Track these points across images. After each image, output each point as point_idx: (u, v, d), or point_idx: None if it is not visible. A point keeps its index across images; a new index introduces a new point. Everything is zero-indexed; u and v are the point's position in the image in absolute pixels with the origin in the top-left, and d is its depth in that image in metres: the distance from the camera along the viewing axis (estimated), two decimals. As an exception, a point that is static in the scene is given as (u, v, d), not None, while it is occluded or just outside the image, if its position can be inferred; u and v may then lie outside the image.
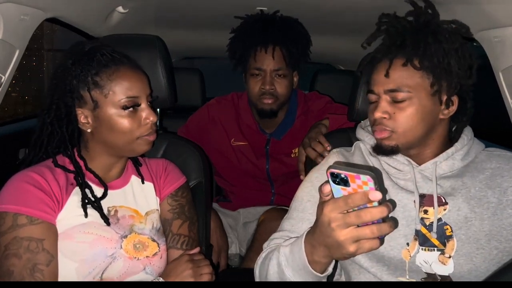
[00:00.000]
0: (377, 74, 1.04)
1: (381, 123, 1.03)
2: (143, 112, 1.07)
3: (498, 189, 1.03)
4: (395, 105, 1.02)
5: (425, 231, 1.03)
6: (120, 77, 1.05)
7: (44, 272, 0.95)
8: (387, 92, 1.02)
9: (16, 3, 1.20)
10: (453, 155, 1.07)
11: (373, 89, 1.05)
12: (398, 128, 1.02)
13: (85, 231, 1.02)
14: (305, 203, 1.10)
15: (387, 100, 1.03)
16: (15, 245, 0.95)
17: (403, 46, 1.01)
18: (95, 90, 1.04)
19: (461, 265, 1.00)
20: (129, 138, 1.06)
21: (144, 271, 1.08)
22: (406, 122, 1.01)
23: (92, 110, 1.05)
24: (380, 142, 1.05)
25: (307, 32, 1.78)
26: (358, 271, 1.07)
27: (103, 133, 1.06)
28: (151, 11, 1.92)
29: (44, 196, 1.00)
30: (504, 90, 1.38)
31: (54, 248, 0.99)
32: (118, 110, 1.04)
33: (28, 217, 0.97)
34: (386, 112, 1.02)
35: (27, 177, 1.01)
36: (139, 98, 1.07)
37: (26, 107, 5.03)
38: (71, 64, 1.04)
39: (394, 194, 1.06)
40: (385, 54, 1.04)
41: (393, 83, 1.01)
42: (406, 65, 1.00)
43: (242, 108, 1.84)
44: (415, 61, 0.99)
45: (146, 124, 1.07)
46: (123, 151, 1.10)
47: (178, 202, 1.20)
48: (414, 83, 1.00)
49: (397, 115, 1.01)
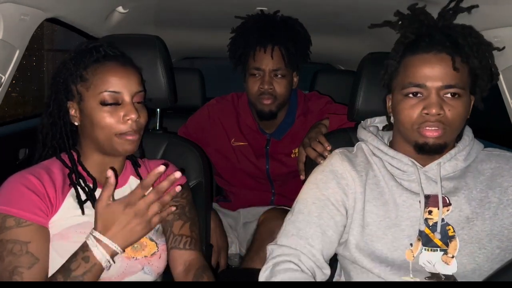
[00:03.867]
0: (431, 68, 1.00)
1: (437, 120, 0.99)
2: (124, 109, 1.05)
3: (499, 189, 1.04)
4: (448, 101, 1.00)
5: (428, 231, 1.03)
6: (104, 71, 1.05)
7: (24, 274, 0.95)
8: (444, 88, 0.99)
9: (16, 3, 1.20)
10: (456, 155, 1.07)
11: (423, 82, 1.00)
12: (452, 125, 1.00)
13: (81, 231, 1.02)
14: (310, 206, 1.08)
15: (441, 95, 1.00)
16: (0, 248, 0.96)
17: (456, 45, 1.00)
18: (80, 84, 1.06)
19: (464, 265, 1.00)
20: (107, 134, 1.05)
21: (143, 271, 1.08)
22: (458, 120, 1.01)
23: (78, 103, 1.07)
24: (433, 141, 1.01)
25: (307, 32, 1.78)
26: (360, 271, 1.07)
27: (87, 127, 1.07)
28: (151, 11, 1.92)
29: (36, 198, 1.00)
30: (504, 90, 1.38)
31: (41, 251, 0.99)
32: (96, 104, 1.05)
33: (16, 219, 0.97)
34: (442, 108, 0.99)
35: (22, 178, 1.01)
36: (121, 94, 1.05)
37: (26, 107, 5.02)
38: (68, 60, 1.07)
39: (399, 195, 1.06)
40: (441, 50, 1.00)
41: (455, 79, 0.99)
42: (465, 62, 1.00)
43: (242, 108, 1.84)
44: (473, 59, 1.00)
45: (125, 122, 1.05)
46: (105, 148, 1.08)
47: (178, 203, 1.19)
48: (465, 81, 1.01)
49: (452, 111, 1.00)
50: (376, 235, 1.04)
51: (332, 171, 1.11)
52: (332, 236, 1.06)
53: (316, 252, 1.04)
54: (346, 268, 1.12)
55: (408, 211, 1.04)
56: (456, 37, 1.02)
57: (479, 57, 1.01)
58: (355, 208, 1.07)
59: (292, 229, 1.07)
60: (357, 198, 1.08)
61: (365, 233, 1.05)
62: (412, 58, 1.03)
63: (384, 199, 1.07)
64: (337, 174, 1.10)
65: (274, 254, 1.04)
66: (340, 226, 1.07)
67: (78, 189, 1.06)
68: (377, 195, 1.07)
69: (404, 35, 1.07)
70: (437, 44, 1.01)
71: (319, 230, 1.05)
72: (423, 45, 1.02)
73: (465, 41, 1.01)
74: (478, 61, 1.01)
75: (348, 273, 1.11)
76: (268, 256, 1.06)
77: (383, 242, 1.04)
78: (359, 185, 1.09)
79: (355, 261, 1.06)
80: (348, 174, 1.10)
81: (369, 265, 1.04)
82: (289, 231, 1.07)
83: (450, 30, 1.04)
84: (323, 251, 1.05)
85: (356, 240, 1.06)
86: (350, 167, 1.11)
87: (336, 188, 1.09)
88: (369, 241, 1.05)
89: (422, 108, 1.00)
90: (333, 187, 1.09)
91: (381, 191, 1.08)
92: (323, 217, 1.06)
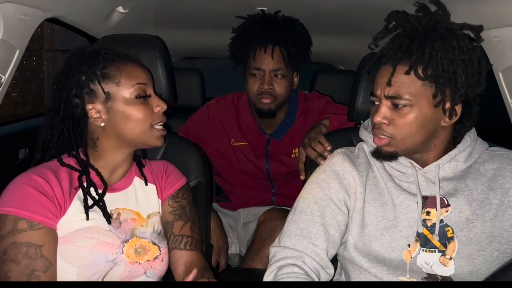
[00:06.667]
0: (380, 78, 1.03)
1: (380, 128, 1.02)
2: (153, 100, 1.10)
3: (500, 190, 1.03)
4: (395, 111, 1.00)
5: (426, 232, 1.03)
6: (127, 67, 1.08)
7: (41, 278, 0.95)
8: (387, 98, 1.01)
9: (16, 3, 1.20)
10: (456, 157, 1.06)
11: (376, 91, 1.04)
12: (397, 135, 1.01)
13: (87, 235, 1.02)
14: (312, 205, 1.08)
15: (388, 105, 1.01)
16: (14, 250, 0.94)
17: (408, 51, 0.98)
18: (105, 82, 1.05)
19: (462, 267, 1.00)
20: (143, 127, 1.08)
21: (145, 275, 1.08)
22: (405, 129, 1.00)
23: (103, 102, 1.06)
24: (380, 148, 1.05)
25: (307, 32, 1.78)
26: (358, 271, 1.07)
27: (117, 125, 1.07)
28: (151, 11, 1.92)
29: (46, 200, 0.99)
30: (504, 90, 1.39)
31: (53, 254, 0.98)
32: (130, 98, 1.06)
33: (29, 222, 0.96)
34: (386, 117, 1.01)
35: (30, 180, 1.00)
36: (147, 86, 1.10)
37: (26, 107, 5.02)
38: (77, 63, 1.05)
39: (397, 195, 1.06)
40: (390, 58, 1.01)
41: (394, 89, 0.99)
42: (409, 73, 0.97)
43: (242, 108, 1.84)
44: (419, 70, 0.96)
45: (157, 112, 1.10)
46: (136, 143, 1.11)
47: (179, 203, 1.19)
48: (415, 91, 0.98)
49: (396, 121, 1.00)
50: (374, 235, 1.04)
51: (334, 171, 1.11)
52: (334, 235, 1.06)
53: (320, 252, 1.04)
54: (345, 267, 1.12)
55: (406, 212, 1.04)
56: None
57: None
58: (355, 208, 1.08)
59: (295, 229, 1.07)
60: (358, 198, 1.08)
61: (363, 234, 1.05)
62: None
63: (383, 200, 1.07)
64: (339, 174, 1.11)
65: (278, 257, 1.04)
66: (343, 225, 1.07)
67: (87, 195, 1.05)
68: (376, 195, 1.07)
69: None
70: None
71: (322, 229, 1.05)
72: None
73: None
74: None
75: (347, 273, 1.11)
76: (271, 259, 1.06)
77: (381, 243, 1.04)
78: (359, 185, 1.09)
79: (353, 260, 1.06)
80: (349, 174, 1.10)
81: (366, 265, 1.04)
82: (291, 231, 1.07)
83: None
84: (328, 250, 1.05)
85: (355, 240, 1.06)
86: (351, 167, 1.11)
87: (338, 188, 1.09)
88: (367, 242, 1.05)
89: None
90: (335, 187, 1.09)
91: (380, 192, 1.08)
92: (326, 216, 1.06)
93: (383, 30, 1.05)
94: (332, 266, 1.06)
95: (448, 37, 0.97)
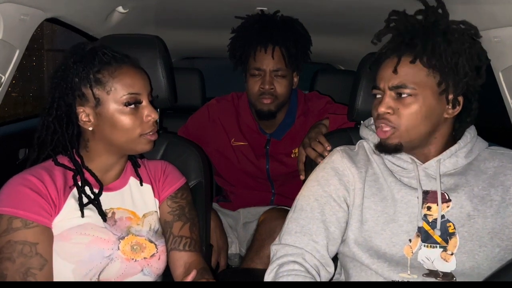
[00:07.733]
0: (384, 70, 1.04)
1: (385, 118, 1.03)
2: (144, 110, 1.07)
3: (501, 187, 1.04)
4: (400, 101, 1.02)
5: (427, 227, 1.03)
6: (122, 74, 1.05)
7: (37, 276, 0.95)
8: (392, 88, 1.02)
9: (16, 3, 1.20)
10: (456, 152, 1.07)
11: (379, 84, 1.05)
12: (401, 125, 1.02)
13: (82, 232, 1.02)
14: (312, 203, 1.09)
15: (392, 96, 1.03)
16: (9, 249, 0.95)
17: (412, 44, 1.01)
18: (97, 87, 1.04)
19: (463, 263, 1.00)
20: (130, 136, 1.06)
21: (142, 273, 1.08)
22: (409, 119, 1.01)
23: (93, 107, 1.05)
24: (384, 141, 1.05)
25: (307, 32, 1.78)
26: (359, 269, 1.07)
27: (105, 131, 1.06)
28: (151, 11, 1.92)
29: (40, 199, 1.00)
30: (504, 90, 1.39)
31: (48, 252, 0.99)
32: (120, 106, 1.04)
33: (23, 221, 0.97)
34: (390, 107, 1.02)
35: (24, 180, 1.01)
36: (140, 95, 1.07)
37: (26, 107, 5.02)
38: (72, 62, 1.04)
39: (397, 190, 1.06)
40: (394, 51, 1.03)
41: (399, 79, 1.01)
42: (414, 62, 1.00)
43: (242, 108, 1.84)
44: (424, 59, 0.99)
45: (147, 122, 1.07)
46: (124, 149, 1.10)
47: (178, 203, 1.19)
48: (420, 81, 1.00)
49: (401, 111, 1.01)
50: (374, 230, 1.05)
51: (333, 168, 1.12)
52: (334, 232, 1.06)
53: (321, 248, 1.04)
54: (345, 266, 1.12)
55: (406, 207, 1.05)
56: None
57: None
58: (354, 204, 1.08)
59: (295, 226, 1.08)
60: (357, 194, 1.08)
61: (363, 229, 1.06)
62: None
63: (382, 195, 1.07)
64: (338, 171, 1.11)
65: (278, 255, 1.05)
66: (343, 222, 1.08)
67: (81, 193, 1.05)
68: (376, 191, 1.08)
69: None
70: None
71: (323, 226, 1.05)
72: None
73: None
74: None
75: (347, 271, 1.12)
76: (272, 257, 1.06)
77: (381, 238, 1.04)
78: (358, 181, 1.09)
79: (354, 256, 1.07)
80: (348, 170, 1.11)
81: (367, 261, 1.04)
82: (292, 228, 1.08)
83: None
84: (328, 247, 1.05)
85: (355, 235, 1.06)
86: (350, 164, 1.11)
87: (338, 185, 1.09)
88: (368, 237, 1.05)
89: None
90: (335, 184, 1.10)
91: (379, 187, 1.08)
92: (326, 213, 1.07)
93: (385, 29, 1.08)
94: (333, 264, 1.06)
95: (450, 31, 1.01)
